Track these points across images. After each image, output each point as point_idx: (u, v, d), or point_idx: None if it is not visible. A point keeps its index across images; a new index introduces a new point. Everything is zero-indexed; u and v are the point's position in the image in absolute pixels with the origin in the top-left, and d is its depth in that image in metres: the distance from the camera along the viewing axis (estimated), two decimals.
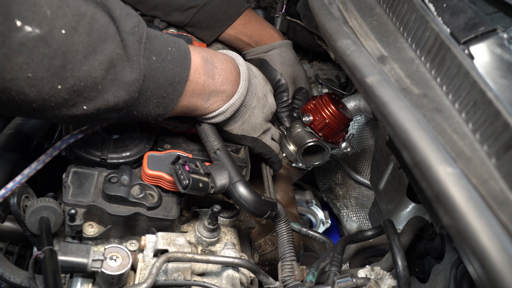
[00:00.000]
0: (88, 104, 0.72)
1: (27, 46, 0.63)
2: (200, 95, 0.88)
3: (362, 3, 0.89)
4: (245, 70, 0.97)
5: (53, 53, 0.65)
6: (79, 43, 0.67)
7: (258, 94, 1.00)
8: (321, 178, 1.79)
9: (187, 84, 0.84)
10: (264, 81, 1.06)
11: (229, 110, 0.93)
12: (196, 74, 0.85)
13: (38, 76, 0.65)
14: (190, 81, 0.84)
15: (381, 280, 0.84)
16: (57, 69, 0.66)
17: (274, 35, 1.38)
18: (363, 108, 1.47)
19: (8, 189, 0.79)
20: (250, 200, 0.84)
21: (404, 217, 1.25)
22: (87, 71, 0.69)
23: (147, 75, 0.76)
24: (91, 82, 0.70)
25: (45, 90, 0.67)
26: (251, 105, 0.99)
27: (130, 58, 0.74)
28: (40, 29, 0.63)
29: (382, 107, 0.62)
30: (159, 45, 0.79)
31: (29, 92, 0.66)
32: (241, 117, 0.98)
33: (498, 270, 0.47)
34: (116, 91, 0.74)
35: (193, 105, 0.88)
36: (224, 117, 0.94)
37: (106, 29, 0.71)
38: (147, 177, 0.86)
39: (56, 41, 0.65)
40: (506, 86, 0.61)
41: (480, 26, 0.66)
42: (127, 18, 0.75)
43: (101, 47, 0.70)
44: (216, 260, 0.78)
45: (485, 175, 0.56)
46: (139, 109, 0.80)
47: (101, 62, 0.70)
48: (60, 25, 0.65)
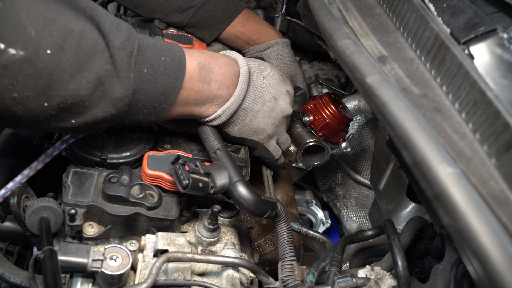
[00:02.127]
0: (77, 119, 0.73)
1: (11, 68, 0.62)
2: (195, 102, 0.87)
3: (362, 3, 0.89)
4: (245, 73, 0.93)
5: (38, 74, 0.64)
6: (65, 61, 0.67)
7: (264, 97, 0.97)
8: (321, 178, 1.79)
9: (180, 92, 0.83)
10: (278, 82, 1.01)
11: (224, 114, 0.92)
12: (191, 82, 0.84)
13: (23, 96, 0.65)
14: (184, 89, 0.83)
15: (381, 280, 0.84)
16: (43, 88, 0.66)
17: (272, 33, 1.38)
18: (363, 108, 1.47)
19: (8, 189, 0.79)
20: (250, 200, 0.84)
21: (404, 217, 1.25)
22: (74, 89, 0.68)
23: (137, 88, 0.76)
24: (78, 100, 0.70)
25: (32, 107, 0.67)
26: (253, 109, 0.96)
27: (119, 74, 0.73)
28: (24, 50, 0.62)
29: (382, 107, 0.62)
30: (151, 56, 0.78)
31: (16, 109, 0.66)
32: (240, 120, 0.96)
33: (498, 270, 0.47)
34: (104, 107, 0.73)
35: (188, 111, 0.88)
36: (220, 121, 0.93)
37: (94, 45, 0.70)
38: (147, 177, 0.86)
39: (41, 61, 0.64)
40: (506, 86, 0.61)
41: (480, 26, 0.66)
42: (117, 32, 0.73)
43: (89, 64, 0.69)
44: (216, 260, 0.78)
45: (485, 175, 0.56)
46: (130, 118, 0.80)
47: (88, 80, 0.69)
48: (46, 45, 0.64)
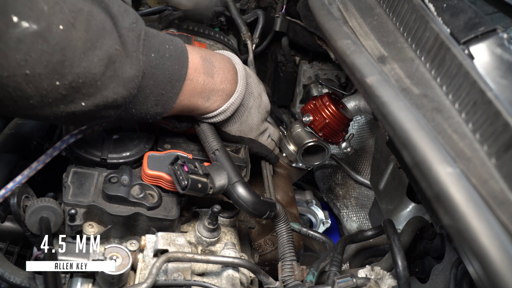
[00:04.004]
0: (87, 101, 0.72)
1: (24, 42, 0.62)
2: (200, 94, 0.88)
3: (362, 3, 0.89)
4: (242, 69, 0.97)
5: (52, 49, 0.64)
6: (77, 39, 0.67)
7: (254, 93, 1.01)
8: (321, 178, 1.79)
9: (187, 83, 0.84)
10: (257, 80, 1.07)
11: (229, 109, 0.94)
12: (196, 73, 0.86)
13: (36, 73, 0.65)
14: (190, 80, 0.84)
15: (381, 280, 0.84)
16: (56, 65, 0.66)
17: None
18: (363, 108, 1.47)
19: (8, 189, 0.79)
20: (249, 201, 0.84)
21: (404, 217, 1.25)
22: (86, 67, 0.68)
23: (146, 72, 0.76)
24: (90, 79, 0.70)
25: (43, 86, 0.66)
26: (248, 105, 0.99)
27: (129, 54, 0.73)
28: (37, 24, 0.62)
29: (382, 107, 0.62)
30: (157, 42, 0.79)
31: (26, 88, 0.65)
32: (239, 117, 0.98)
33: (498, 270, 0.47)
34: (115, 88, 0.73)
35: (194, 105, 0.88)
36: (225, 116, 0.94)
37: (103, 25, 0.70)
38: (147, 177, 0.86)
39: (54, 37, 0.64)
40: (506, 86, 0.61)
41: (480, 26, 0.66)
42: (125, 14, 0.75)
43: (100, 43, 0.69)
44: (216, 260, 0.78)
45: (485, 175, 0.56)
46: (137, 107, 0.79)
47: (100, 58, 0.69)
48: (58, 20, 0.65)
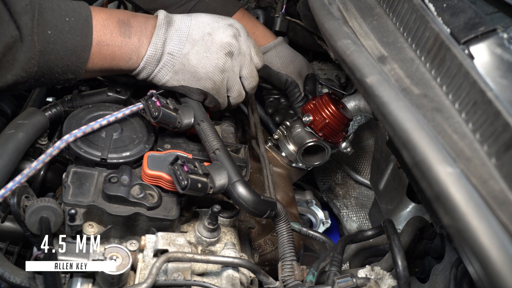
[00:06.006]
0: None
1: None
2: (121, 56, 0.91)
3: (362, 3, 0.88)
4: (162, 18, 0.95)
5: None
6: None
7: (193, 37, 0.95)
8: (321, 178, 1.79)
9: (103, 48, 0.88)
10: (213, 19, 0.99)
11: (148, 63, 0.94)
12: (113, 37, 0.89)
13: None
14: (107, 45, 0.89)
15: (381, 280, 0.84)
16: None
17: (267, 33, 1.39)
18: (363, 108, 1.47)
19: (8, 189, 0.79)
20: (249, 200, 0.84)
21: (404, 217, 1.25)
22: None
23: (44, 49, 0.80)
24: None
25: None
26: (181, 51, 0.94)
27: (24, 38, 0.77)
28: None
29: (382, 107, 0.62)
30: (54, 17, 0.82)
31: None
32: (170, 67, 0.95)
33: (498, 270, 0.47)
34: (13, 72, 0.78)
35: (116, 66, 0.92)
36: (149, 71, 0.96)
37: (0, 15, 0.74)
38: (147, 177, 0.86)
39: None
40: (506, 86, 0.61)
41: (480, 26, 0.66)
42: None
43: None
44: (216, 260, 0.78)
45: (485, 175, 0.56)
46: (45, 77, 0.84)
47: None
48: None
